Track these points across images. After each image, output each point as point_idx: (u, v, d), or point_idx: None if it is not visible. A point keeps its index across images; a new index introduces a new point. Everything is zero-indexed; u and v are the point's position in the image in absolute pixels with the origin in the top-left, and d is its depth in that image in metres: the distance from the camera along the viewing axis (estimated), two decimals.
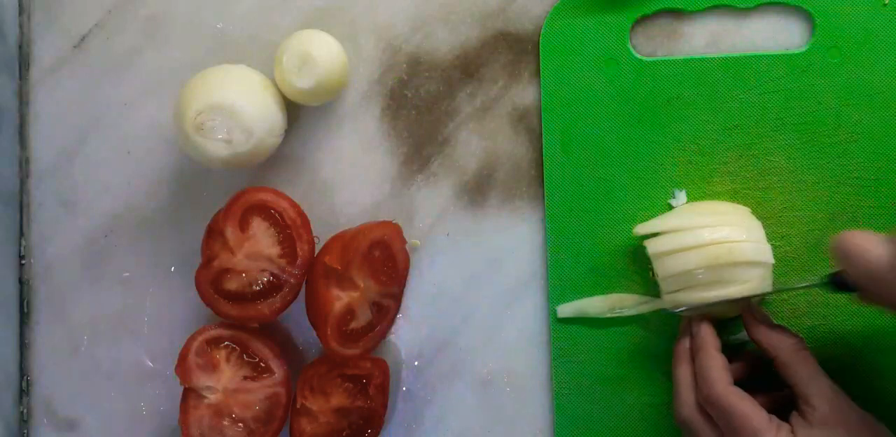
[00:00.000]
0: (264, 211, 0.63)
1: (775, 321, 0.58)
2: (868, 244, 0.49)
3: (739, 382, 0.55)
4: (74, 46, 0.69)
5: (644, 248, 0.60)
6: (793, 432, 0.52)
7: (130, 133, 0.69)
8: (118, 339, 0.69)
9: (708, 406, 0.54)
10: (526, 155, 0.65)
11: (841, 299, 0.60)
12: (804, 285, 0.57)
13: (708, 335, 0.57)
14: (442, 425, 0.66)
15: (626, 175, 0.63)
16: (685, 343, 0.58)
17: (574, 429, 0.63)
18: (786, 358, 0.55)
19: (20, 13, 0.70)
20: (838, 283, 0.53)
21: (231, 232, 0.62)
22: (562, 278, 0.63)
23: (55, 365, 0.70)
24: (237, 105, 0.60)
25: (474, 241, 0.65)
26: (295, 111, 0.66)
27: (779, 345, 0.56)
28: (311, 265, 0.63)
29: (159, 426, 0.68)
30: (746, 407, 0.52)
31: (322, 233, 0.65)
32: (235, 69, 0.63)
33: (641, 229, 0.60)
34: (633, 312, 0.62)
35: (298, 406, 0.64)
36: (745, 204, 0.61)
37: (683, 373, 0.57)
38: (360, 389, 0.64)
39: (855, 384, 0.57)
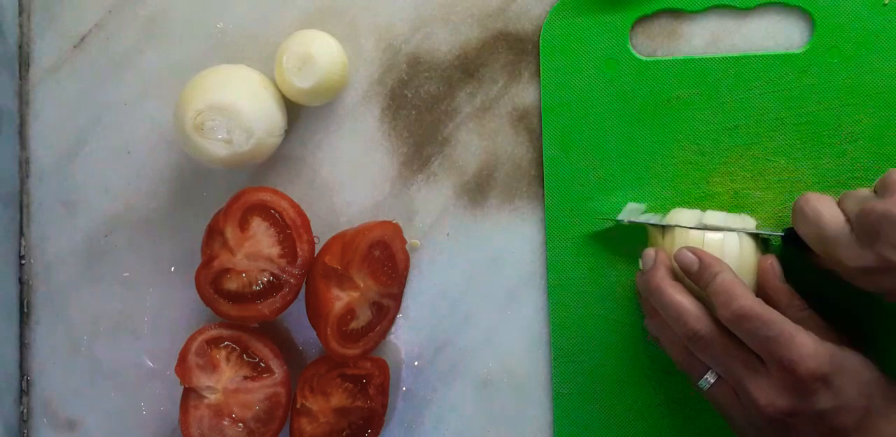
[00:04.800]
0: (264, 211, 0.63)
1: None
2: (822, 208, 0.53)
3: None
4: (74, 46, 0.69)
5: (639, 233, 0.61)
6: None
7: (130, 133, 0.69)
8: (118, 339, 0.69)
9: (737, 320, 0.53)
10: (526, 155, 0.65)
11: (842, 298, 0.60)
12: (766, 232, 0.59)
13: (714, 257, 0.56)
14: (442, 425, 0.66)
15: (626, 175, 0.63)
16: (664, 272, 0.57)
17: (574, 429, 0.63)
18: (793, 316, 0.55)
19: (20, 13, 0.70)
20: (790, 238, 0.57)
21: (231, 232, 0.62)
22: (562, 278, 0.63)
23: (55, 365, 0.70)
24: (237, 105, 0.60)
25: (474, 241, 0.65)
26: (295, 111, 0.66)
27: (789, 303, 0.57)
28: (311, 265, 0.63)
29: (159, 426, 0.69)
30: (778, 315, 0.53)
31: (322, 233, 0.65)
32: (235, 69, 0.63)
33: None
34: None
35: (298, 406, 0.64)
36: (744, 204, 0.61)
37: (682, 297, 0.56)
38: (360, 389, 0.64)
39: None
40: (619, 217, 0.61)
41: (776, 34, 0.62)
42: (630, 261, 0.63)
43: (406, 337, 0.66)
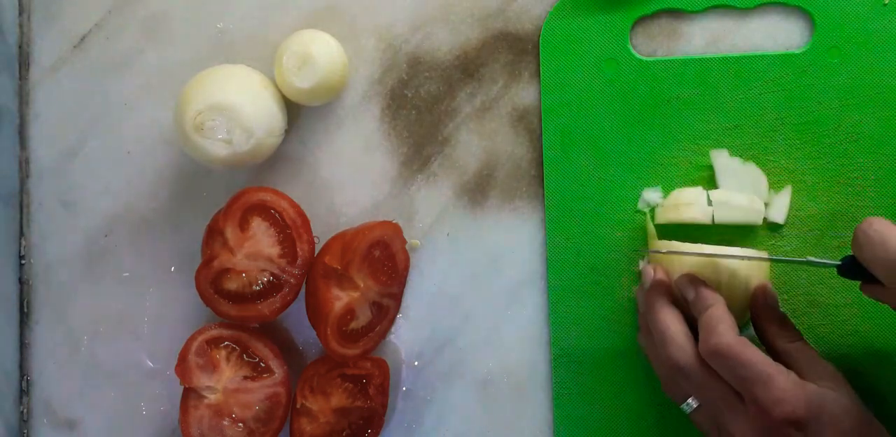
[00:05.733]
0: (264, 211, 0.63)
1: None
2: (888, 230, 0.49)
3: None
4: (74, 46, 0.69)
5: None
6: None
7: (130, 133, 0.69)
8: (118, 339, 0.69)
9: (713, 356, 0.53)
10: (526, 155, 0.65)
11: (841, 299, 0.60)
12: (817, 261, 0.55)
13: (713, 290, 0.56)
14: (442, 425, 0.66)
15: (626, 175, 0.63)
16: (661, 294, 0.57)
17: (574, 429, 0.63)
18: (781, 347, 0.56)
19: (20, 13, 0.70)
20: (849, 267, 0.53)
21: (231, 232, 0.62)
22: (562, 278, 0.63)
23: (55, 365, 0.70)
24: (237, 105, 0.60)
25: (474, 241, 0.65)
26: (295, 111, 0.66)
27: (778, 333, 0.56)
28: (311, 265, 0.63)
29: (159, 426, 0.68)
30: (757, 355, 0.52)
31: (322, 233, 0.65)
32: (235, 69, 0.63)
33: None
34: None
35: (298, 406, 0.64)
36: None
37: (672, 324, 0.55)
38: (360, 389, 0.64)
39: (854, 385, 0.57)
40: (655, 243, 0.61)
41: (776, 34, 0.62)
42: (630, 261, 0.63)
43: (406, 337, 0.66)
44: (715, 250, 0.57)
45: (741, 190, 0.60)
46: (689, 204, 0.59)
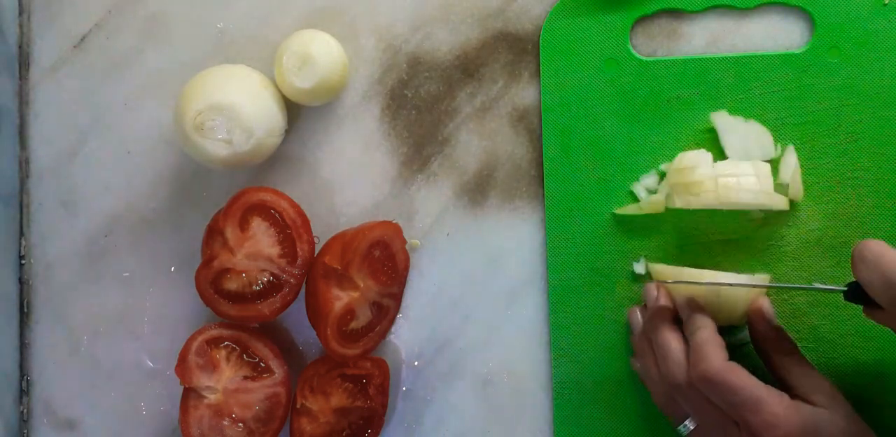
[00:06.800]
0: (264, 211, 0.63)
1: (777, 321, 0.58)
2: (883, 249, 0.49)
3: None
4: (74, 46, 0.69)
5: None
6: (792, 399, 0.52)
7: (130, 133, 0.69)
8: (118, 339, 0.69)
9: (702, 383, 0.52)
10: (526, 155, 0.65)
11: (841, 300, 0.60)
12: (822, 287, 0.56)
13: (705, 313, 0.56)
14: (442, 425, 0.66)
15: (626, 175, 0.63)
16: (664, 314, 0.57)
17: (574, 429, 0.63)
18: (778, 361, 0.56)
19: (20, 13, 0.70)
20: (854, 292, 0.52)
21: (231, 232, 0.62)
22: (562, 277, 0.63)
23: (55, 365, 0.70)
24: (237, 105, 0.60)
25: (474, 241, 0.65)
26: (295, 111, 0.66)
27: (775, 346, 0.56)
28: (311, 265, 0.63)
29: (159, 426, 0.69)
30: (745, 379, 0.52)
31: (322, 233, 0.65)
32: (235, 69, 0.63)
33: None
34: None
35: (298, 406, 0.64)
36: None
37: (675, 341, 0.55)
38: (360, 389, 0.64)
39: (854, 384, 0.57)
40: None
41: (776, 34, 0.62)
42: (630, 261, 0.63)
43: (406, 337, 0.66)
44: (717, 277, 0.57)
45: (745, 147, 0.60)
46: (694, 167, 0.58)
